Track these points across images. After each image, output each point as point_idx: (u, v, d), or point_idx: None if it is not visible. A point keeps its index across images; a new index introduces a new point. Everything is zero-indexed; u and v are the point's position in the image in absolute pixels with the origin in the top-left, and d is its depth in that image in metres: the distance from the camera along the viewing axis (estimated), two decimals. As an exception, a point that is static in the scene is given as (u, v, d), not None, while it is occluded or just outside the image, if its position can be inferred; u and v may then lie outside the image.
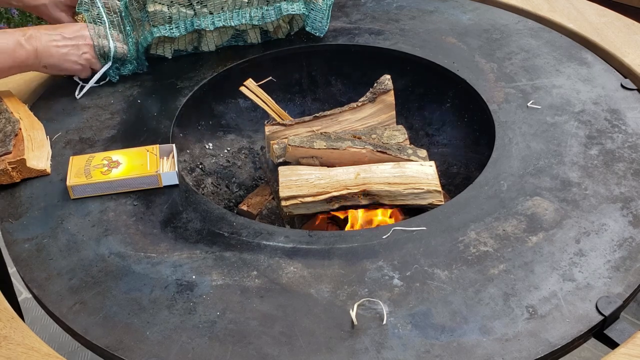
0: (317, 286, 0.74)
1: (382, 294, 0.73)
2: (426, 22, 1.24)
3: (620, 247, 0.77)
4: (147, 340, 0.70)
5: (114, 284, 0.76)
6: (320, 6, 1.18)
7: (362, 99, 1.01)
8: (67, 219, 0.86)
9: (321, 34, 1.20)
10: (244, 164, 1.19)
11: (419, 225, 0.81)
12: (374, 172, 0.90)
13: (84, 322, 0.72)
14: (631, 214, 0.81)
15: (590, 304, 0.71)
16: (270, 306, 0.72)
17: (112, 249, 0.81)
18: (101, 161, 0.92)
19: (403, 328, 0.69)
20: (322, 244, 0.80)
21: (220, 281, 0.76)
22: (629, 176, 0.87)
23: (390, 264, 0.76)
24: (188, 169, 1.11)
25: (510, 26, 1.22)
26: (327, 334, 0.69)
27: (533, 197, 0.85)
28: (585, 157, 0.91)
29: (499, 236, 0.79)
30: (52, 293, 0.76)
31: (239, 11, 1.13)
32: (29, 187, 0.92)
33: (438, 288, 0.73)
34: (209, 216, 0.85)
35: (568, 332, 0.68)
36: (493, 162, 0.91)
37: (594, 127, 0.96)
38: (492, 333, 0.68)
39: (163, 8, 1.09)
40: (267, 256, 0.79)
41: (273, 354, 0.67)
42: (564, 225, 0.80)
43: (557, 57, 1.12)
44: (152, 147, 0.95)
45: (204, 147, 1.18)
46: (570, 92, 1.03)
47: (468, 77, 1.08)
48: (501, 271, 0.75)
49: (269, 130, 1.00)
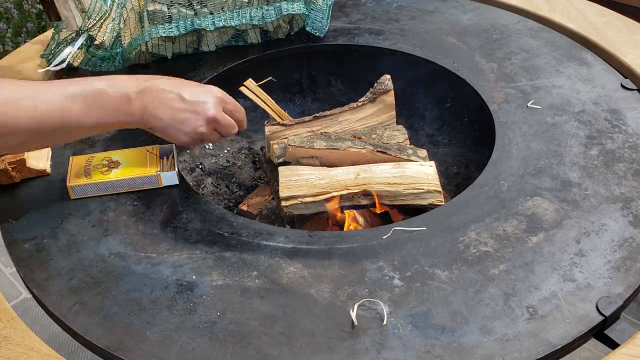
0: (318, 286, 0.74)
1: (382, 294, 0.73)
2: (426, 22, 1.24)
3: (620, 248, 0.77)
4: (147, 340, 0.69)
5: (114, 284, 0.76)
6: (321, 6, 1.18)
7: (362, 99, 1.01)
8: (67, 219, 0.86)
9: (321, 34, 1.20)
10: (244, 164, 1.19)
11: (419, 225, 0.81)
12: (374, 172, 0.90)
13: (84, 322, 0.72)
14: (631, 214, 0.81)
15: (590, 304, 0.71)
16: (271, 306, 0.72)
17: (112, 249, 0.81)
18: (101, 161, 0.92)
19: (403, 328, 0.69)
20: (322, 244, 0.80)
21: (220, 281, 0.76)
22: (629, 176, 0.87)
23: (390, 264, 0.76)
24: (188, 169, 1.11)
25: (510, 26, 1.22)
26: (327, 334, 0.69)
27: (533, 198, 0.85)
28: (585, 158, 0.91)
29: (499, 236, 0.79)
30: (52, 293, 0.76)
31: (239, 11, 1.13)
32: (29, 187, 0.92)
33: (438, 288, 0.73)
34: (209, 216, 0.85)
35: (568, 333, 0.68)
36: (493, 162, 0.91)
37: (594, 127, 0.96)
38: (493, 333, 0.68)
39: (163, 7, 1.09)
40: (267, 256, 0.78)
41: (273, 354, 0.67)
42: (564, 226, 0.80)
43: (557, 57, 1.12)
44: (152, 147, 0.95)
45: (204, 147, 1.18)
46: (570, 92, 1.03)
47: (468, 77, 1.08)
48: (501, 271, 0.75)
49: (269, 130, 1.00)
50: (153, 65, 1.17)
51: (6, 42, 2.56)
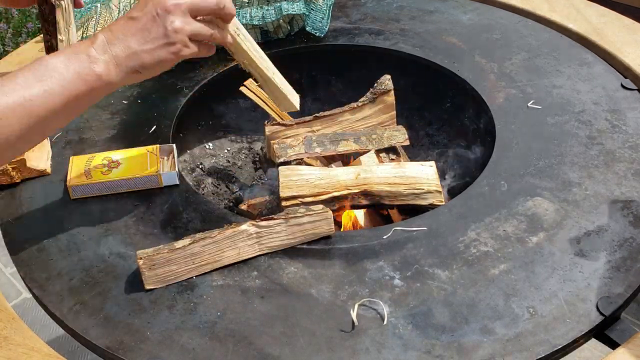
0: (318, 286, 0.74)
1: (382, 294, 0.73)
2: (426, 22, 1.24)
3: (620, 248, 0.77)
4: (148, 340, 0.69)
5: (114, 284, 0.76)
6: (321, 6, 1.18)
7: (362, 99, 1.01)
8: (67, 219, 0.86)
9: (321, 34, 1.20)
10: (244, 164, 1.19)
11: (419, 225, 0.81)
12: (375, 172, 0.90)
13: (84, 322, 0.72)
14: (632, 214, 0.81)
15: (590, 304, 0.71)
16: (271, 306, 0.72)
17: (112, 249, 0.81)
18: (101, 161, 0.92)
19: (404, 328, 0.69)
20: (322, 244, 0.80)
21: (220, 281, 0.76)
22: (630, 176, 0.87)
23: (390, 264, 0.76)
24: (188, 169, 1.11)
25: (511, 26, 1.22)
26: (327, 334, 0.69)
27: (533, 197, 0.85)
28: (585, 157, 0.91)
29: (499, 236, 0.79)
30: (52, 293, 0.76)
31: (239, 11, 1.13)
32: (29, 187, 0.92)
33: (439, 288, 0.73)
34: (209, 216, 0.85)
35: (569, 333, 0.68)
36: (493, 162, 0.91)
37: (594, 127, 0.96)
38: (493, 333, 0.68)
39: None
40: (267, 256, 0.78)
41: (274, 354, 0.67)
42: (565, 226, 0.80)
43: (557, 57, 1.12)
44: (152, 147, 0.95)
45: (204, 147, 1.18)
46: (570, 92, 1.03)
47: (468, 77, 1.08)
48: (502, 271, 0.75)
49: (269, 130, 1.00)
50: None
51: (6, 42, 2.56)
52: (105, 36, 0.69)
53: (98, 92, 0.70)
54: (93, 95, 0.70)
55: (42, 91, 0.65)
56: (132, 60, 0.69)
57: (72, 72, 0.67)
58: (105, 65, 0.68)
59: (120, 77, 0.69)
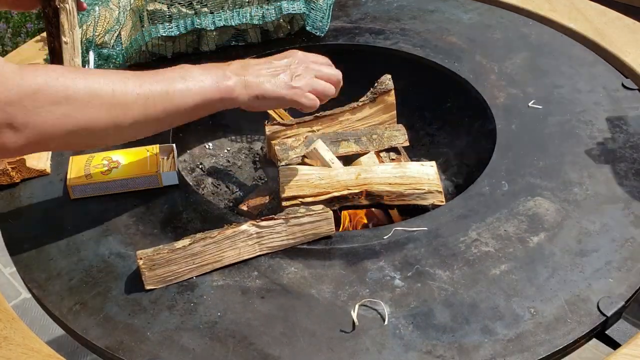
0: (318, 286, 0.74)
1: (383, 295, 0.73)
2: (427, 21, 1.24)
3: (621, 248, 0.77)
4: (148, 340, 0.69)
5: (114, 285, 0.76)
6: (321, 5, 1.18)
7: (363, 99, 1.01)
8: (67, 219, 0.86)
9: (322, 33, 1.19)
10: (244, 164, 1.19)
11: (419, 225, 0.81)
12: (375, 172, 0.90)
13: (84, 323, 0.72)
14: (632, 214, 0.81)
15: (591, 304, 0.70)
16: (271, 306, 0.72)
17: (112, 249, 0.81)
18: (101, 161, 0.92)
19: (404, 328, 0.69)
20: (322, 244, 0.80)
21: (220, 281, 0.76)
22: (630, 176, 0.87)
23: (391, 264, 0.76)
24: (188, 169, 1.11)
25: (511, 26, 1.21)
26: (328, 335, 0.69)
27: (534, 197, 0.84)
28: (586, 157, 0.91)
29: (500, 236, 0.79)
30: (52, 293, 0.76)
31: (239, 10, 1.13)
32: (29, 187, 0.92)
33: (439, 288, 0.73)
34: (209, 216, 0.85)
35: (570, 333, 0.68)
36: (494, 162, 0.91)
37: (595, 127, 0.96)
38: (494, 334, 0.68)
39: (163, 7, 1.09)
40: (267, 256, 0.78)
41: (274, 354, 0.67)
42: (565, 226, 0.80)
43: (558, 56, 1.11)
44: (152, 147, 0.94)
45: (203, 147, 1.18)
46: (571, 91, 1.03)
47: (468, 77, 1.08)
48: (503, 272, 0.75)
49: (269, 130, 1.00)
50: (153, 65, 1.17)
51: (6, 42, 2.56)
52: (240, 63, 0.79)
53: (224, 103, 0.77)
54: (218, 106, 0.77)
55: (184, 87, 0.73)
56: (258, 87, 0.78)
57: (210, 79, 0.75)
58: (236, 83, 0.76)
59: (245, 98, 0.77)
